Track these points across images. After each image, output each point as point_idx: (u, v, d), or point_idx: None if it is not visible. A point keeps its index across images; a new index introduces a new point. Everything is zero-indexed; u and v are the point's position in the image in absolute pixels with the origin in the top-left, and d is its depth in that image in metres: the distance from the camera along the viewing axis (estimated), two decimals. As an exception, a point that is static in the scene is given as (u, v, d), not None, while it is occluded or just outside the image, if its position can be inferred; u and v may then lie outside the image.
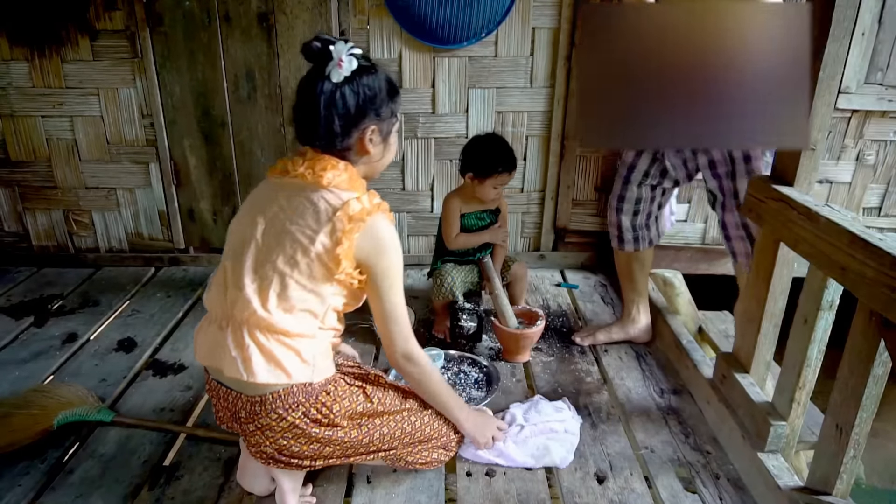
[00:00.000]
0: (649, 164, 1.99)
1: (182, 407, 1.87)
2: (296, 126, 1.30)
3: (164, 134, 2.72)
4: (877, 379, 1.22)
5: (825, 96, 1.40)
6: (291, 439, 1.29)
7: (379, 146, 1.32)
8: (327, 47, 1.21)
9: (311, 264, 1.22)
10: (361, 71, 1.23)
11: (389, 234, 1.28)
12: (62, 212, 2.89)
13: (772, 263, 1.55)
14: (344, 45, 1.21)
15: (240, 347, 1.22)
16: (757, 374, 1.69)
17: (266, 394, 1.24)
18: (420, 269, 2.89)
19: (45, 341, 2.26)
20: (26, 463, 1.62)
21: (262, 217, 1.27)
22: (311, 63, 1.25)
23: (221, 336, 1.26)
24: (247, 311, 1.23)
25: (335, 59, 1.20)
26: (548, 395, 1.92)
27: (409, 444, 1.47)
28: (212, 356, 1.29)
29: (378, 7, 2.54)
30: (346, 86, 1.22)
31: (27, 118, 2.72)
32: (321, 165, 1.26)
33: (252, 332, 1.23)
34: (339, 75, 1.21)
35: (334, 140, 1.26)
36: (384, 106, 1.28)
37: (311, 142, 1.29)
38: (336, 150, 1.28)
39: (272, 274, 1.23)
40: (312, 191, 1.25)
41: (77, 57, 2.62)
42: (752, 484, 1.55)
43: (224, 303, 1.28)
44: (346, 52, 1.21)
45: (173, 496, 1.52)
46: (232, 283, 1.27)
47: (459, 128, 2.74)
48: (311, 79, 1.23)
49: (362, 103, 1.24)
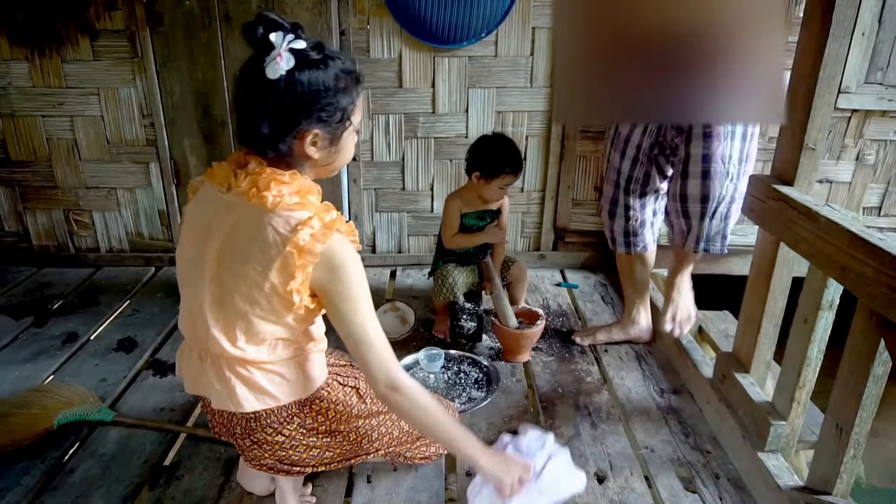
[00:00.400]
0: (631, 168, 1.95)
1: (182, 407, 1.87)
2: (239, 125, 1.14)
3: (164, 133, 2.72)
4: (877, 378, 1.22)
5: (825, 96, 1.40)
6: (290, 450, 1.28)
7: (325, 150, 1.14)
8: (268, 35, 1.04)
9: (269, 299, 1.11)
10: (304, 65, 1.05)
11: (347, 255, 1.11)
12: (62, 211, 2.89)
13: (772, 263, 1.55)
14: (285, 37, 1.04)
15: (222, 381, 1.18)
16: (757, 373, 1.69)
17: (260, 411, 1.22)
18: (420, 268, 2.89)
19: (45, 341, 2.26)
20: (27, 463, 1.62)
21: (210, 244, 1.14)
22: (251, 47, 1.07)
23: (202, 367, 1.21)
24: (218, 348, 1.16)
25: (275, 50, 1.04)
26: (548, 394, 1.92)
27: (406, 441, 1.46)
28: (197, 387, 1.26)
29: (378, 7, 2.54)
30: (280, 83, 1.04)
31: (27, 118, 2.72)
32: (264, 182, 1.09)
33: (231, 366, 1.18)
34: (275, 71, 1.03)
35: (265, 144, 1.10)
36: (331, 107, 1.10)
37: (245, 143, 1.15)
38: (274, 156, 1.12)
39: (233, 313, 1.13)
40: (258, 217, 1.10)
41: (77, 57, 2.62)
42: (752, 484, 1.55)
43: (196, 332, 1.21)
44: (286, 47, 1.04)
45: (174, 496, 1.52)
46: (197, 314, 1.18)
47: (459, 128, 2.74)
48: (248, 70, 1.07)
49: (299, 104, 1.07)
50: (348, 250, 1.12)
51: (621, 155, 1.95)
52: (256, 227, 1.10)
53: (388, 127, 2.74)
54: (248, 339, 1.15)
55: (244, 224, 1.11)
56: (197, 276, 1.16)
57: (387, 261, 2.96)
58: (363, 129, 2.73)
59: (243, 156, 1.16)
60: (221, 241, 1.13)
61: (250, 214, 1.11)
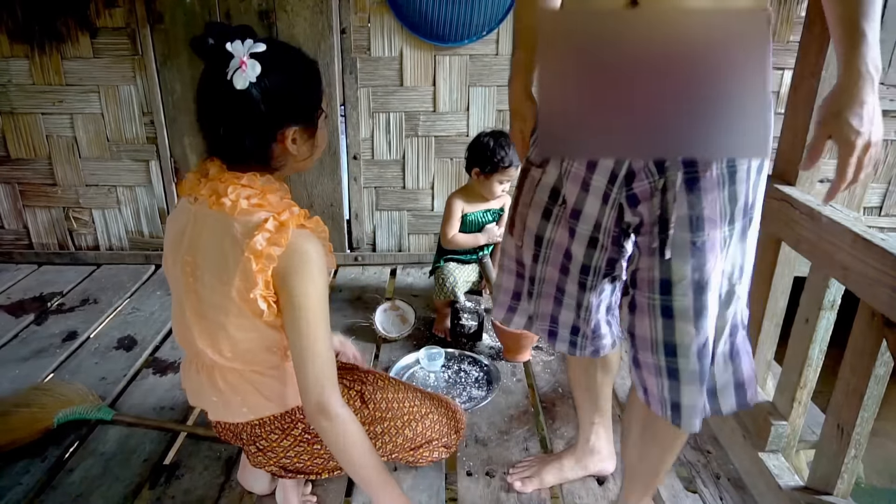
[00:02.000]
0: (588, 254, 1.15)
1: (182, 405, 1.86)
2: (203, 137, 1.11)
3: (164, 132, 2.72)
4: (878, 379, 1.22)
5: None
6: (294, 457, 1.28)
7: (305, 144, 1.13)
8: (223, 45, 1.01)
9: (239, 307, 1.08)
10: (270, 68, 1.02)
11: (306, 253, 1.06)
12: (62, 209, 2.89)
13: (773, 263, 1.54)
14: (243, 44, 1.01)
15: (217, 392, 1.18)
16: (758, 373, 1.68)
17: (263, 417, 1.22)
18: (420, 267, 2.89)
19: (45, 339, 2.26)
20: (27, 461, 1.62)
21: (183, 256, 1.13)
22: (203, 61, 1.04)
23: (199, 380, 1.22)
24: (208, 359, 1.16)
25: (235, 59, 1.01)
26: (548, 394, 1.92)
27: (409, 448, 1.44)
28: (198, 400, 1.27)
29: (379, 4, 2.53)
30: (251, 92, 1.01)
31: (27, 115, 2.71)
32: (223, 188, 1.08)
33: (223, 376, 1.17)
34: (243, 81, 1.00)
35: (246, 156, 1.09)
36: (304, 104, 1.09)
37: (219, 155, 1.12)
38: (250, 164, 1.10)
39: (213, 325, 1.12)
40: (220, 225, 1.08)
41: (77, 54, 2.61)
42: (752, 484, 1.55)
43: (189, 344, 1.20)
44: (247, 53, 1.01)
45: (174, 495, 1.52)
46: (186, 326, 1.17)
47: (460, 126, 2.73)
48: (210, 83, 1.04)
49: (276, 109, 1.05)
50: (310, 247, 1.07)
51: (570, 233, 1.14)
52: (219, 235, 1.08)
53: (389, 125, 2.74)
54: (233, 348, 1.13)
55: (209, 233, 1.09)
56: (178, 288, 1.16)
57: (387, 259, 2.95)
58: (364, 127, 2.73)
59: (207, 162, 1.14)
60: (193, 253, 1.11)
61: (213, 222, 1.09)
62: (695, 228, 0.96)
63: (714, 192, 0.95)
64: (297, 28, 2.55)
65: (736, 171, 0.95)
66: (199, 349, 1.15)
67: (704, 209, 0.95)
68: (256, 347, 1.14)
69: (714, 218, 0.96)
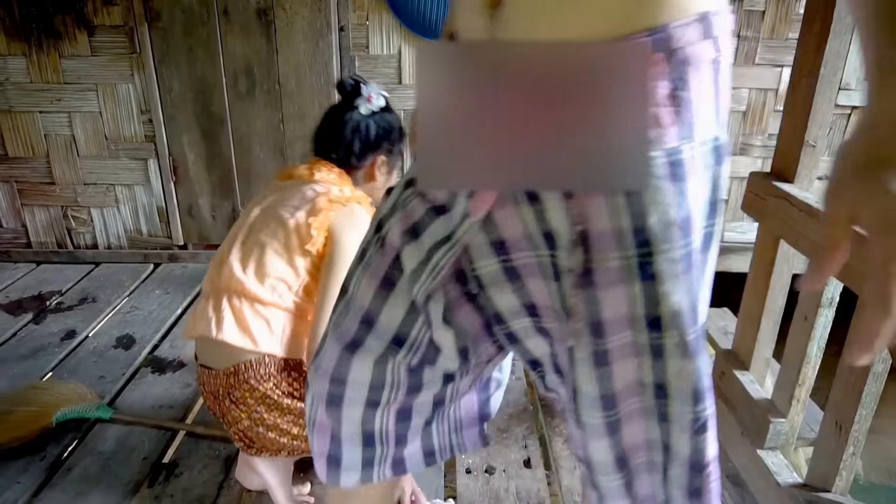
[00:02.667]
0: (403, 323, 0.83)
1: (181, 404, 1.87)
2: (315, 143, 1.45)
3: (162, 130, 2.71)
4: (877, 376, 1.22)
5: (826, 93, 1.39)
6: (265, 412, 1.31)
7: (384, 176, 1.48)
8: (359, 85, 1.42)
9: (288, 235, 1.32)
10: (385, 109, 1.44)
11: (364, 217, 1.35)
12: (61, 208, 2.89)
13: (772, 260, 1.54)
14: (374, 86, 1.44)
15: (216, 310, 1.31)
16: (756, 371, 1.68)
17: (239, 363, 1.28)
18: (419, 265, 2.89)
19: (43, 338, 2.25)
20: (25, 460, 1.62)
21: (259, 207, 1.40)
22: (341, 96, 1.44)
23: (205, 306, 1.35)
24: (228, 277, 1.32)
25: (365, 95, 1.40)
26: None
27: None
28: (194, 327, 1.36)
29: (377, 2, 2.53)
30: (370, 118, 1.41)
31: (25, 114, 2.71)
32: (317, 167, 1.41)
33: (230, 297, 1.31)
34: (367, 109, 1.40)
35: (350, 158, 1.42)
36: (396, 143, 1.48)
37: (327, 156, 1.43)
38: (347, 168, 1.43)
39: (254, 245, 1.33)
40: (304, 183, 1.39)
41: (75, 52, 2.61)
42: (751, 481, 1.55)
43: (215, 278, 1.37)
44: (376, 92, 1.43)
45: (173, 493, 1.52)
46: (222, 259, 1.37)
47: (459, 124, 2.73)
48: (340, 108, 1.42)
49: (381, 134, 1.43)
50: (363, 216, 1.35)
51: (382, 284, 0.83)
52: (300, 187, 1.37)
53: (388, 123, 2.73)
54: (257, 270, 1.31)
55: (291, 188, 1.39)
56: (238, 229, 1.38)
57: (386, 258, 2.95)
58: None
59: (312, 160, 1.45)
60: (269, 202, 1.39)
61: (300, 183, 1.39)
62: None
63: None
64: (296, 26, 2.54)
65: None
66: (227, 266, 1.32)
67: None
68: (275, 274, 1.31)
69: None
